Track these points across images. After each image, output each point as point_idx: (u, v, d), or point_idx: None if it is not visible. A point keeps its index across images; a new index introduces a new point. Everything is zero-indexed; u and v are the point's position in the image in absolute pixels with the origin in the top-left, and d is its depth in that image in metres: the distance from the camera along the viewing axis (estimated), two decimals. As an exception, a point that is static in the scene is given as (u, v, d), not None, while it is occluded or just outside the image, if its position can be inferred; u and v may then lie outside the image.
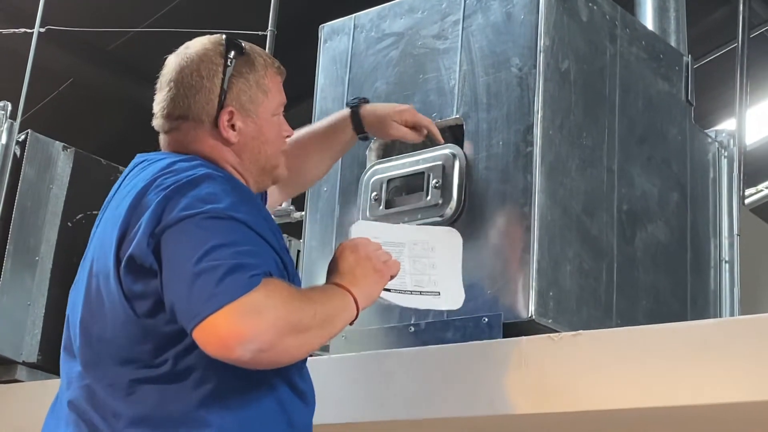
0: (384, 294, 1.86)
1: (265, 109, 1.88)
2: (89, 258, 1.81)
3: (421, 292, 1.95)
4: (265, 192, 2.05)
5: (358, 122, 2.24)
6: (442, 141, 2.29)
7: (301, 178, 2.31)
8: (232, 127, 1.84)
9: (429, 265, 1.98)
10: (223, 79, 1.83)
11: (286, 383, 1.73)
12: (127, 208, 1.73)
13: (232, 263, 1.60)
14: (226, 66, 1.84)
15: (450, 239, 2.06)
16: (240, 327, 1.57)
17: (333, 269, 1.82)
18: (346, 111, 2.27)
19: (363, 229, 1.98)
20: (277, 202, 2.31)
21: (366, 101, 2.27)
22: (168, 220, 1.66)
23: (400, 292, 1.91)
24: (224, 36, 1.88)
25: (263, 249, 1.69)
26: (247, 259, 1.62)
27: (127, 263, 1.69)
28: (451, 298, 2.00)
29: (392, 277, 1.86)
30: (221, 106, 1.83)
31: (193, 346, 1.63)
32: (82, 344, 1.76)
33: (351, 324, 1.77)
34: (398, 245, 1.95)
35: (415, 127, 2.25)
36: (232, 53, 1.85)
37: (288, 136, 1.95)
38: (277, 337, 1.60)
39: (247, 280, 1.59)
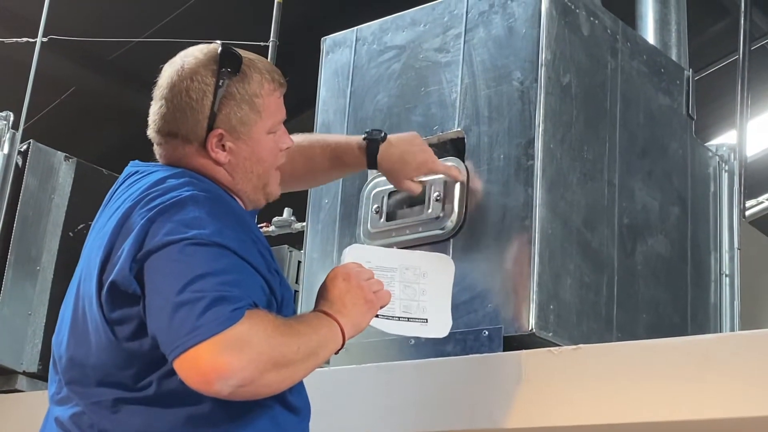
0: (371, 319, 1.85)
1: (258, 129, 1.83)
2: (77, 276, 1.80)
3: (408, 318, 1.96)
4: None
5: (372, 162, 2.17)
6: (461, 178, 2.26)
7: (301, 184, 2.30)
8: (223, 147, 1.80)
9: (419, 291, 1.98)
10: (213, 102, 1.78)
11: (279, 402, 1.71)
12: (113, 228, 1.71)
13: (216, 295, 1.57)
14: (217, 87, 1.78)
15: (442, 266, 2.06)
16: (220, 362, 1.54)
17: (323, 295, 1.79)
18: (362, 147, 2.16)
19: (356, 252, 1.97)
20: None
21: (384, 138, 2.17)
22: (151, 245, 1.63)
23: (387, 318, 1.91)
24: (220, 49, 1.81)
25: (249, 277, 1.65)
26: (231, 290, 1.59)
27: (109, 289, 1.67)
28: (437, 325, 2.00)
29: (382, 307, 1.85)
30: (210, 128, 1.79)
31: None
32: (66, 365, 1.75)
33: (336, 353, 1.76)
34: (390, 270, 1.95)
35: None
36: (226, 70, 1.79)
37: (287, 148, 1.91)
38: (257, 373, 1.57)
39: (230, 313, 1.56)
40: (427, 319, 1.98)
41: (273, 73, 1.86)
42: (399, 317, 1.94)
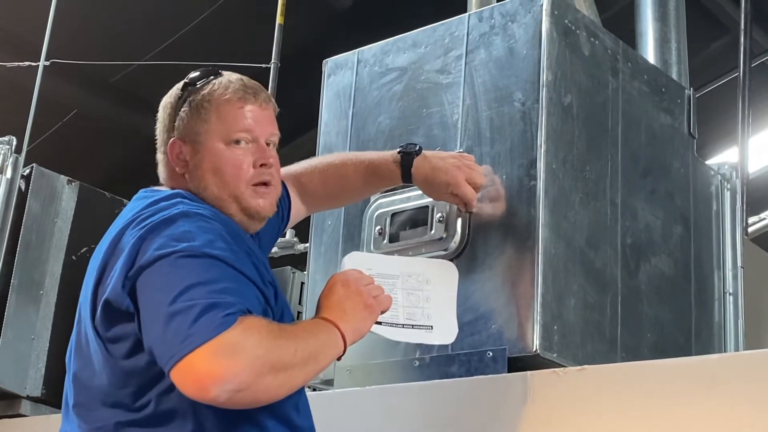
0: (375, 327, 1.83)
1: (210, 137, 1.83)
2: (80, 300, 1.81)
3: (413, 325, 1.93)
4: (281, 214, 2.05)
5: (407, 175, 2.16)
6: (473, 210, 2.23)
7: (336, 203, 2.34)
8: (183, 158, 1.86)
9: (423, 298, 1.96)
10: (173, 112, 1.86)
11: (281, 420, 1.71)
12: (105, 250, 1.74)
13: (207, 302, 1.57)
14: (178, 98, 1.86)
15: (446, 272, 2.05)
16: (216, 367, 1.54)
17: (322, 302, 1.79)
18: (397, 160, 2.16)
19: (356, 260, 1.95)
20: (302, 214, 2.27)
21: (419, 152, 2.16)
22: (143, 261, 1.65)
23: (391, 325, 1.88)
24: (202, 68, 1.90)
25: (242, 285, 1.65)
26: (223, 297, 1.59)
27: (104, 308, 1.68)
28: (443, 332, 1.99)
29: (383, 312, 1.83)
30: (169, 138, 1.87)
31: (174, 386, 1.61)
32: (74, 388, 1.76)
33: (338, 359, 1.75)
34: (392, 277, 1.93)
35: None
36: (191, 84, 1.86)
37: (263, 165, 1.85)
38: (254, 377, 1.56)
39: (221, 318, 1.56)
40: (432, 326, 1.96)
41: (239, 85, 1.86)
42: (403, 324, 1.92)
